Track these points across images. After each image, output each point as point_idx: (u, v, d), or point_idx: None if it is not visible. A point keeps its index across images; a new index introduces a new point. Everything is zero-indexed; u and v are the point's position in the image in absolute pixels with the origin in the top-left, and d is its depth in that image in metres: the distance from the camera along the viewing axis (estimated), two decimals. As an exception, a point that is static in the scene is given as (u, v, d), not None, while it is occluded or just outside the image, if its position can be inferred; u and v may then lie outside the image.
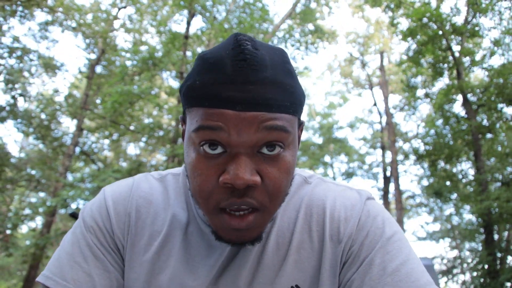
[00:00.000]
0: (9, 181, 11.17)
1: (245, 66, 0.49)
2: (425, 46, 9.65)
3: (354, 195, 0.63)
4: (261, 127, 0.49)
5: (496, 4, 9.41)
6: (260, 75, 0.49)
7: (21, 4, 10.08)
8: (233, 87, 0.48)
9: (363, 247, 0.57)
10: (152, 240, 0.61)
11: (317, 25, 13.13)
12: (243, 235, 0.53)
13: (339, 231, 0.59)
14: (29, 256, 10.37)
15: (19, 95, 11.06)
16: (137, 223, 0.62)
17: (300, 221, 0.60)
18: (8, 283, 16.58)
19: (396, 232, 0.58)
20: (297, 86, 0.53)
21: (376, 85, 18.32)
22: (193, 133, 0.51)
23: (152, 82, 11.04)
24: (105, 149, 15.95)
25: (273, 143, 0.50)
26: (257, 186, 0.50)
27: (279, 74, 0.51)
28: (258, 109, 0.48)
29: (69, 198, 9.13)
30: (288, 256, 0.58)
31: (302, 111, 0.56)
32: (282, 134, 0.50)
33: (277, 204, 0.54)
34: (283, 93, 0.50)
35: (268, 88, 0.49)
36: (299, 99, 0.53)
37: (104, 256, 0.60)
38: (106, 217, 0.62)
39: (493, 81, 9.43)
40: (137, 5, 12.05)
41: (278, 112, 0.50)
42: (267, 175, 0.51)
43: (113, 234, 0.61)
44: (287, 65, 0.53)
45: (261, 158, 0.51)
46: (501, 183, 9.62)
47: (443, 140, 10.19)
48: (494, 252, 8.66)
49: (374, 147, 19.02)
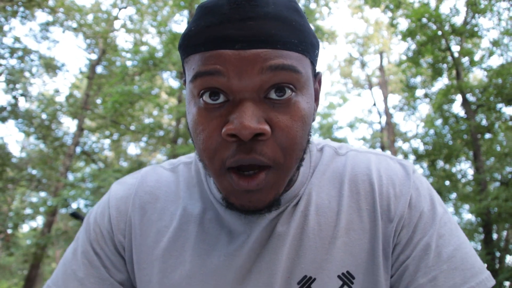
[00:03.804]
0: (10, 180, 11.19)
1: (243, 2, 0.43)
2: (424, 46, 9.67)
3: (399, 168, 0.57)
4: (265, 67, 0.42)
5: (495, 5, 9.44)
6: (261, 10, 0.43)
7: (22, 4, 10.11)
8: (230, 25, 0.42)
9: (417, 229, 0.52)
10: (160, 236, 0.55)
11: (316, 26, 13.15)
12: (256, 198, 0.45)
13: (390, 209, 0.53)
14: (30, 256, 10.39)
15: (20, 95, 11.08)
16: (142, 222, 0.57)
17: (346, 199, 0.53)
18: (9, 282, 16.61)
19: (445, 212, 0.55)
20: (306, 25, 0.47)
21: (376, 85, 18.35)
22: (191, 84, 0.46)
23: (153, 82, 11.06)
24: (106, 149, 15.96)
25: (282, 86, 0.44)
26: (266, 137, 0.43)
27: (284, 10, 0.45)
28: (261, 46, 0.42)
29: (70, 198, 9.15)
30: (336, 239, 0.52)
31: (316, 57, 0.49)
32: (291, 74, 0.43)
33: (293, 160, 0.46)
34: (289, 29, 0.44)
35: (271, 23, 0.43)
36: (309, 38, 0.47)
37: (102, 262, 0.56)
38: (107, 219, 0.58)
39: (492, 81, 9.44)
40: (137, 6, 12.08)
41: (284, 49, 0.43)
42: (277, 124, 0.44)
43: (113, 236, 0.57)
44: (294, 3, 0.47)
45: (269, 105, 0.44)
46: (500, 182, 9.64)
47: (442, 140, 10.21)
48: (493, 252, 8.69)
49: (374, 147, 19.04)
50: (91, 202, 9.27)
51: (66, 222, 15.05)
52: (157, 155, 16.62)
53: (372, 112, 19.58)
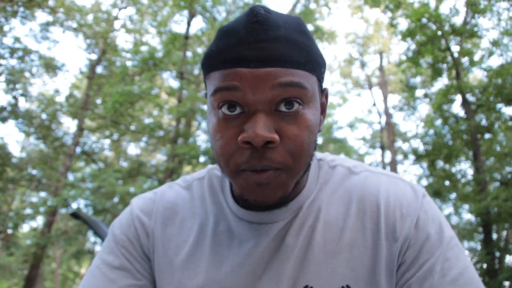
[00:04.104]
0: (10, 180, 11.19)
1: (257, 27, 0.50)
2: (424, 46, 9.68)
3: (409, 190, 0.60)
4: (276, 83, 0.49)
5: (495, 5, 9.44)
6: (273, 33, 0.50)
7: (22, 4, 10.11)
8: (246, 47, 0.49)
9: (422, 250, 0.55)
10: (180, 250, 0.61)
11: (316, 26, 13.16)
12: (267, 193, 0.50)
13: (395, 229, 0.56)
14: (30, 256, 10.38)
15: (20, 95, 11.08)
16: (163, 235, 0.62)
17: (352, 217, 0.57)
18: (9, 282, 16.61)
19: (453, 237, 0.57)
20: (313, 46, 0.53)
21: (376, 85, 18.36)
22: (212, 97, 0.52)
23: (153, 82, 11.06)
24: (106, 149, 15.96)
25: (290, 100, 0.50)
26: (276, 144, 0.49)
27: (293, 33, 0.52)
28: (272, 65, 0.49)
29: (70, 198, 9.14)
30: (339, 254, 0.56)
31: (322, 74, 0.56)
32: (299, 90, 0.50)
33: (301, 164, 0.52)
34: (297, 50, 0.51)
35: (282, 45, 0.50)
36: (316, 58, 0.53)
37: (132, 265, 0.61)
38: (133, 228, 0.63)
39: (492, 81, 9.44)
40: (137, 6, 12.08)
41: (293, 68, 0.50)
42: (286, 134, 0.50)
43: (141, 244, 0.63)
44: (302, 27, 0.53)
45: (279, 116, 0.50)
46: (500, 182, 9.64)
47: (442, 140, 10.21)
48: (493, 252, 8.69)
49: (374, 147, 19.05)
50: (91, 202, 9.27)
51: (66, 222, 15.03)
52: (157, 155, 16.63)
53: (372, 112, 19.61)
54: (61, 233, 10.98)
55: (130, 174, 11.03)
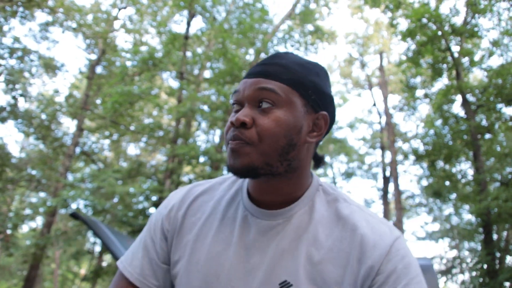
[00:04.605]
0: (10, 181, 11.19)
1: (268, 57, 0.73)
2: (424, 46, 9.66)
3: (387, 230, 0.70)
4: (257, 87, 0.68)
5: (495, 5, 9.43)
6: (273, 61, 0.71)
7: (21, 4, 10.10)
8: (254, 67, 0.72)
9: (389, 280, 0.64)
10: (193, 226, 0.76)
11: (316, 26, 13.15)
12: (236, 158, 0.67)
13: (366, 256, 0.66)
14: (30, 256, 10.38)
15: (20, 95, 11.07)
16: (186, 214, 0.78)
17: (334, 237, 0.69)
18: (9, 283, 16.60)
19: (418, 275, 0.66)
20: (304, 74, 0.70)
21: (376, 86, 18.35)
22: (231, 100, 0.73)
23: (152, 82, 11.05)
24: (105, 149, 15.96)
25: (265, 100, 0.67)
26: (248, 126, 0.67)
27: (289, 62, 0.71)
28: (260, 77, 0.69)
29: (70, 198, 9.13)
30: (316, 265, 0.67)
31: (309, 96, 0.70)
32: (271, 94, 0.67)
33: (266, 146, 0.66)
34: (284, 71, 0.69)
35: (273, 67, 0.70)
36: (302, 80, 0.69)
37: (154, 244, 0.78)
38: (160, 214, 0.80)
39: (492, 81, 9.44)
40: (137, 6, 12.07)
41: (273, 80, 0.68)
42: (257, 121, 0.67)
43: (162, 226, 0.79)
44: (303, 61, 0.72)
45: (258, 110, 0.68)
46: (500, 183, 9.63)
47: (443, 140, 10.19)
48: (493, 252, 8.67)
49: (374, 147, 19.04)
50: (90, 202, 9.25)
51: (66, 223, 15.02)
52: (157, 155, 16.62)
53: (372, 112, 19.57)
54: (61, 233, 10.97)
55: (130, 175, 11.00)
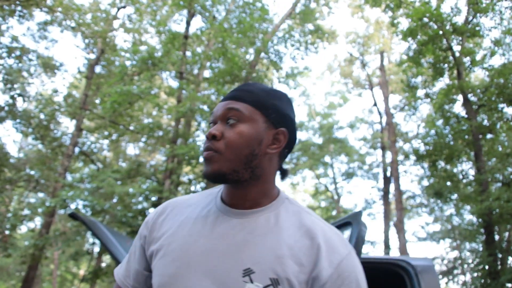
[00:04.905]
0: (8, 181, 11.14)
1: (239, 85, 0.89)
2: (425, 46, 9.62)
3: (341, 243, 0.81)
4: (226, 108, 0.83)
5: (497, 4, 9.38)
6: (241, 87, 0.87)
7: (20, 3, 10.05)
8: (227, 94, 0.88)
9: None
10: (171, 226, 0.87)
11: (317, 25, 13.10)
12: (208, 166, 0.80)
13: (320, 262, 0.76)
14: (28, 257, 10.33)
15: (18, 95, 11.03)
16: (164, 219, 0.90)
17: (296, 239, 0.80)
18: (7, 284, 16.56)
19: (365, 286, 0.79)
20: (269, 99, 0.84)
21: (376, 85, 18.30)
22: (209, 120, 0.89)
23: (152, 82, 11.00)
24: (105, 149, 15.92)
25: (231, 117, 0.82)
26: (218, 138, 0.81)
27: (256, 89, 0.86)
28: (229, 100, 0.84)
29: (68, 199, 9.10)
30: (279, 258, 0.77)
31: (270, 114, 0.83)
32: (236, 112, 0.82)
33: (232, 154, 0.79)
34: (249, 95, 0.84)
35: (241, 92, 0.85)
36: (263, 102, 0.83)
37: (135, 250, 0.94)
38: (144, 223, 0.95)
39: (494, 81, 9.40)
40: (136, 5, 12.02)
41: (239, 101, 0.83)
42: (225, 134, 0.81)
43: (141, 233, 0.93)
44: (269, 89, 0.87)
45: (227, 126, 0.82)
46: (502, 183, 9.59)
47: (444, 140, 10.15)
48: (495, 253, 8.63)
49: (374, 147, 18.99)
50: (89, 202, 9.21)
51: (65, 223, 14.98)
52: (156, 155, 16.57)
53: (373, 112, 19.50)
54: (60, 234, 10.91)
55: (129, 175, 10.97)
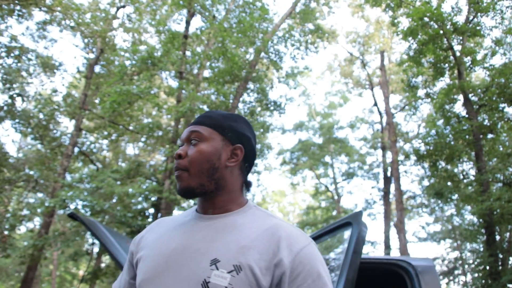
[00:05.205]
0: (7, 181, 11.10)
1: (202, 113, 1.03)
2: (425, 45, 9.59)
3: (301, 236, 0.90)
4: (189, 131, 0.97)
5: (498, 3, 9.35)
6: (203, 114, 1.01)
7: (19, 3, 10.01)
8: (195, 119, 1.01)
9: (299, 276, 0.83)
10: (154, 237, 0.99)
11: (317, 25, 13.07)
12: (180, 184, 0.94)
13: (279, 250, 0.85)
14: (27, 257, 10.30)
15: (17, 95, 10.99)
16: (148, 234, 1.02)
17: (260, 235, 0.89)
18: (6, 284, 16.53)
19: (326, 274, 0.87)
20: (225, 122, 0.98)
21: (377, 85, 18.26)
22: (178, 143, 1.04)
23: (151, 82, 10.97)
24: (104, 149, 15.88)
25: (193, 138, 0.96)
26: (183, 157, 0.94)
27: (216, 115, 1.00)
28: (192, 125, 0.99)
29: (68, 199, 9.07)
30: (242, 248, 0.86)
31: (227, 133, 0.97)
32: (196, 133, 0.96)
33: (196, 170, 0.93)
34: (208, 120, 0.98)
35: (202, 118, 0.99)
36: (220, 124, 0.97)
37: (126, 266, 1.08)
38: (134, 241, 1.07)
39: (495, 80, 9.37)
40: (136, 5, 11.99)
41: (199, 125, 0.97)
42: (188, 153, 0.95)
43: (132, 250, 1.05)
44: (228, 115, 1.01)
45: (190, 146, 0.96)
46: (503, 183, 9.56)
47: (444, 140, 10.12)
48: (496, 253, 8.60)
49: (375, 147, 18.96)
50: (89, 203, 9.17)
51: (64, 223, 14.95)
52: (156, 155, 16.53)
53: (373, 112, 19.46)
54: (59, 234, 10.87)
55: (129, 175, 10.93)
